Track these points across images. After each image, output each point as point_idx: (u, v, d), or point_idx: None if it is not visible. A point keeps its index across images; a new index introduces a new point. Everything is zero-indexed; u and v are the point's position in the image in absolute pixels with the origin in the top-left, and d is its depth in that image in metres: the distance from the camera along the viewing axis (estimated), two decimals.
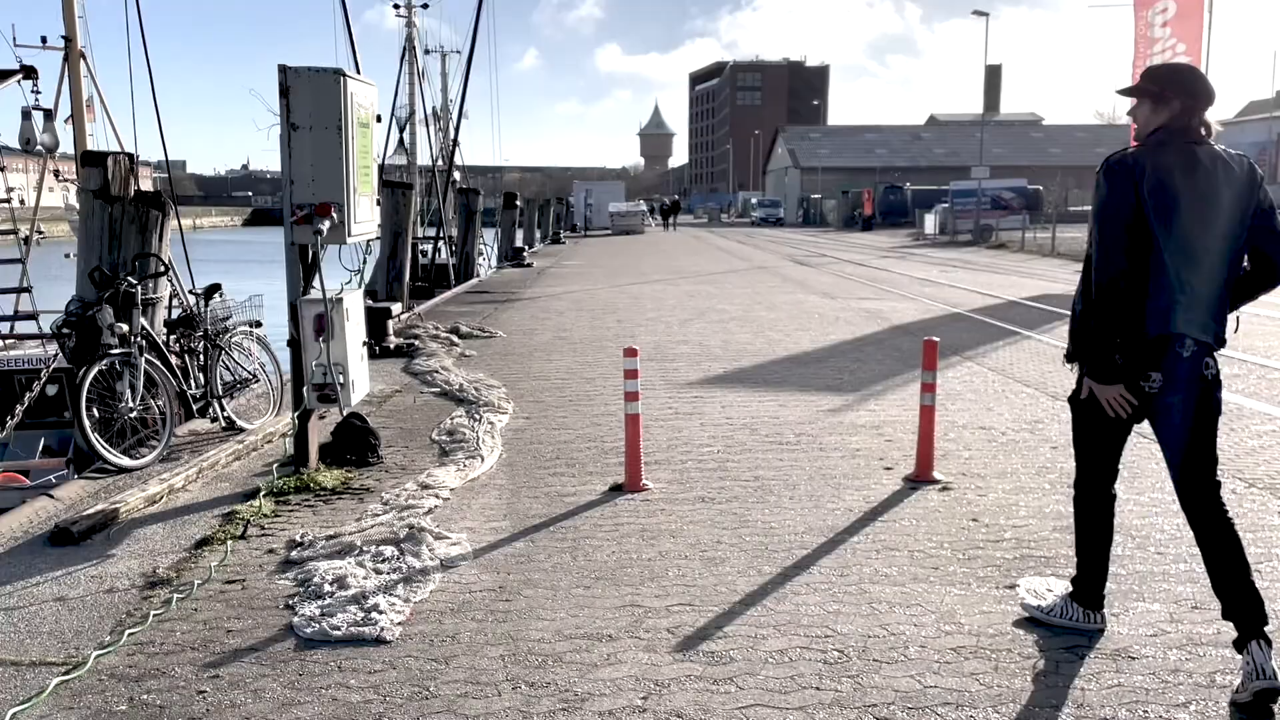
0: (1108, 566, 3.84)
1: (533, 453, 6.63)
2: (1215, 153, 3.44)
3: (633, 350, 5.84)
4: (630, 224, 53.71)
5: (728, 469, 6.14)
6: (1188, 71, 3.61)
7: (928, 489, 5.65)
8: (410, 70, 30.37)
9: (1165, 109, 3.51)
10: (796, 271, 24.03)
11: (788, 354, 10.71)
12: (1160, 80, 3.57)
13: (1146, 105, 3.56)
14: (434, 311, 15.73)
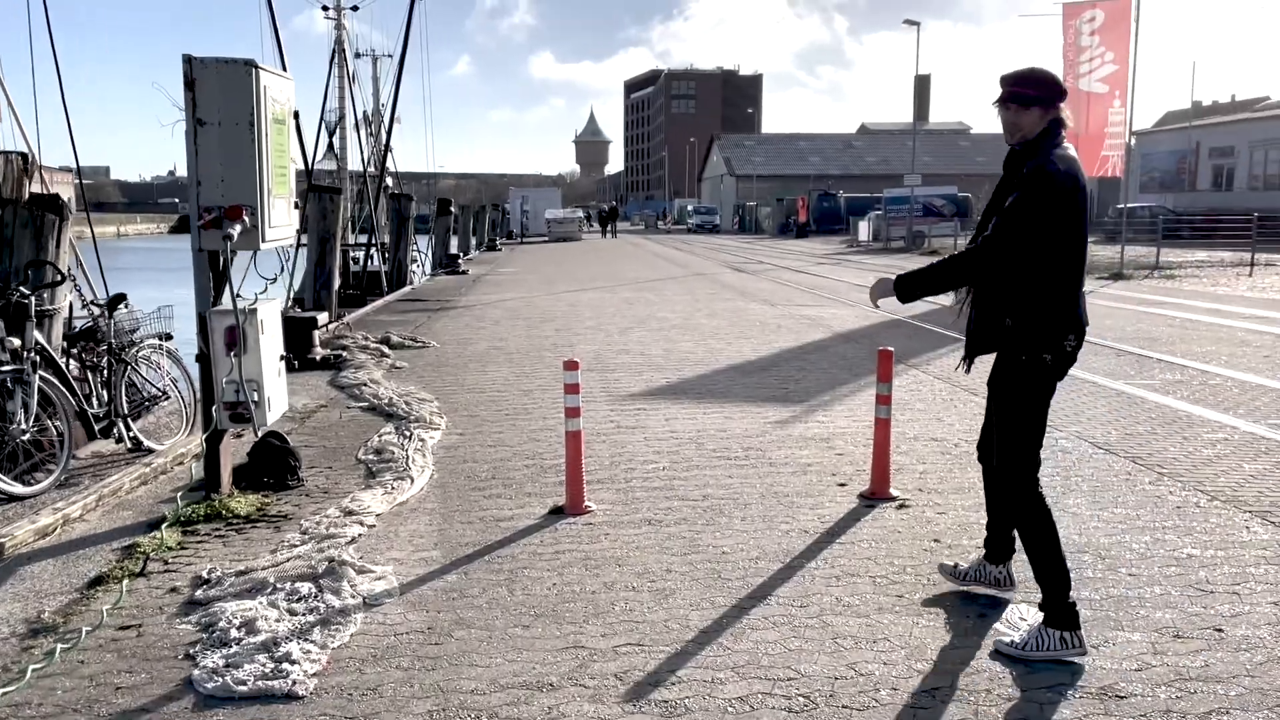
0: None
1: (466, 472, 6.22)
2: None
3: (573, 363, 5.46)
4: (567, 231, 53.30)
5: (675, 488, 5.80)
6: (1053, 75, 3.74)
7: (885, 507, 5.37)
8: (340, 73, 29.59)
9: (1052, 112, 3.64)
10: (735, 278, 23.86)
11: (731, 363, 10.42)
12: (1046, 84, 3.65)
13: (1037, 110, 3.63)
14: (364, 321, 15.16)
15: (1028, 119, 3.62)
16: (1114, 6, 24.10)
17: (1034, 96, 3.62)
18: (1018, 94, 3.64)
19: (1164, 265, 25.70)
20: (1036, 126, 3.63)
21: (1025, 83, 3.65)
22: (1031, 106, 3.61)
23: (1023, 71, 3.69)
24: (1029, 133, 3.64)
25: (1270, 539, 4.75)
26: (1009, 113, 3.66)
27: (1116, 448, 6.60)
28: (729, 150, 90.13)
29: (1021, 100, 3.63)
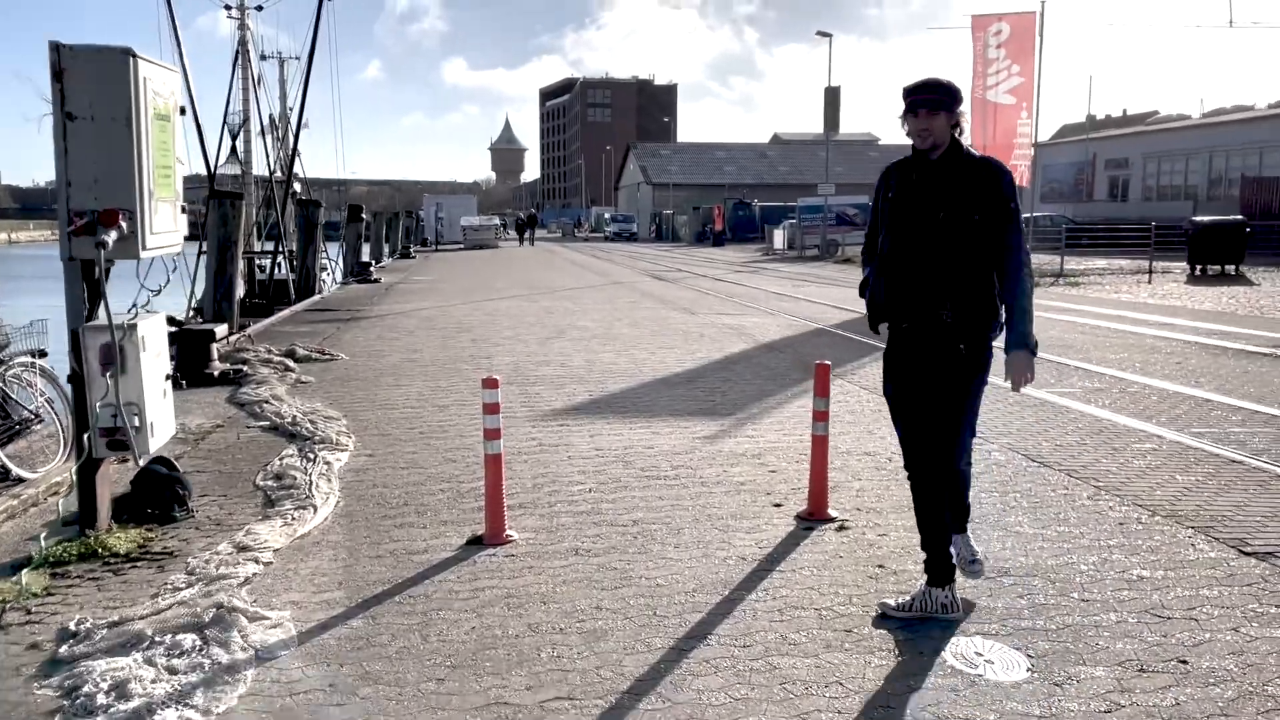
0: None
1: (376, 499, 5.75)
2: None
3: (493, 380, 5.06)
4: (483, 238, 52.52)
5: (602, 511, 5.44)
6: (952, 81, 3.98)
7: (824, 529, 5.10)
8: (244, 74, 28.49)
9: (954, 116, 3.91)
10: (654, 286, 23.62)
11: (655, 375, 10.11)
12: (949, 90, 3.91)
13: (944, 115, 3.88)
14: (268, 332, 14.43)
15: (938, 123, 3.87)
16: (1020, 20, 24.65)
17: (940, 101, 3.88)
18: (928, 100, 3.88)
19: (1068, 273, 26.35)
20: (946, 130, 3.89)
21: (932, 89, 3.91)
22: (940, 111, 3.86)
23: (927, 80, 3.94)
24: (940, 137, 3.88)
25: (1218, 557, 4.60)
26: (919, 119, 3.88)
27: (1050, 460, 6.47)
28: (645, 159, 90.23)
29: (932, 105, 3.87)
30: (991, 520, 5.20)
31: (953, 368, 3.91)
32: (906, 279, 3.94)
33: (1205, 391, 8.91)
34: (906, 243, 3.95)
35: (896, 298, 3.98)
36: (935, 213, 3.89)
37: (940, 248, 3.88)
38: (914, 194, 3.95)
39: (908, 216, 3.96)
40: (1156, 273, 25.53)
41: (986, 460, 6.45)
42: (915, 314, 3.94)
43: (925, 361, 3.95)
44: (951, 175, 3.90)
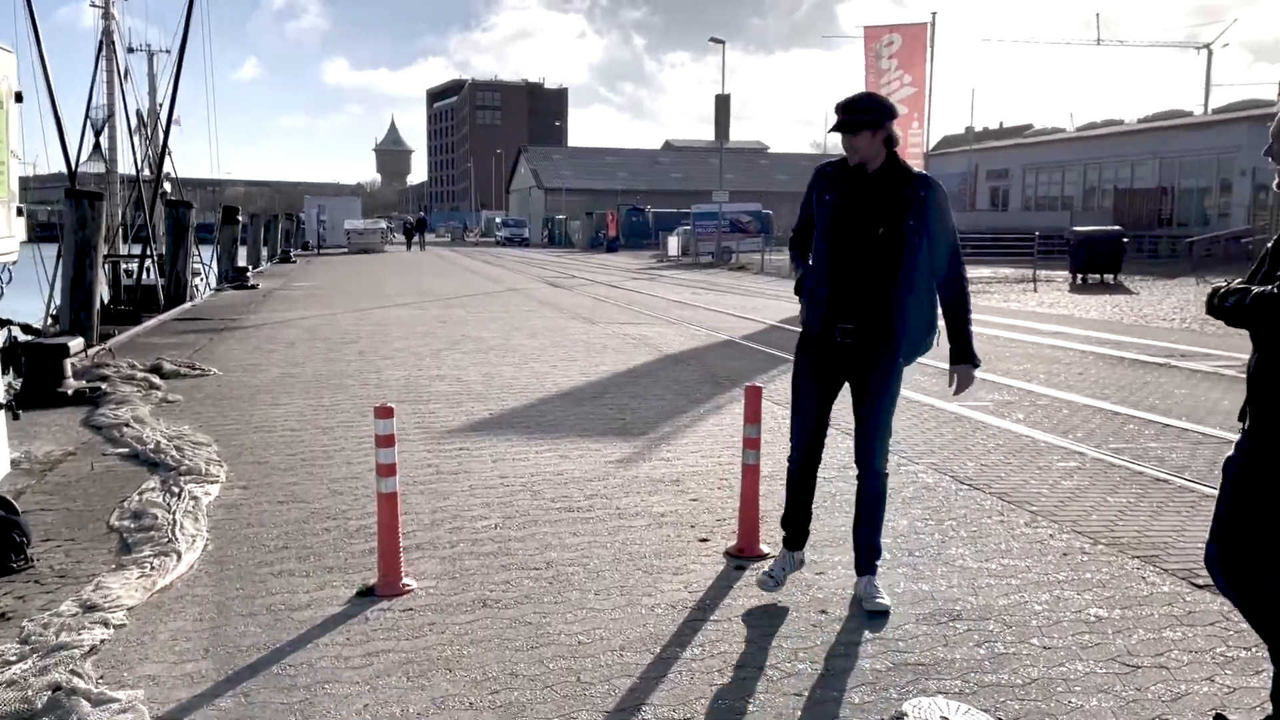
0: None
1: (251, 541, 5.07)
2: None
3: (386, 409, 4.46)
4: (368, 242, 50.93)
5: (511, 551, 4.89)
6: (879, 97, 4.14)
7: (757, 567, 4.66)
8: (109, 66, 26.67)
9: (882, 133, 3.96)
10: (551, 294, 23.05)
11: (559, 389, 9.58)
12: (873, 108, 3.98)
13: (866, 134, 3.93)
14: (133, 344, 13.31)
15: (862, 142, 3.92)
16: (911, 31, 25.03)
17: (859, 122, 3.92)
18: (846, 122, 3.95)
19: None
20: (874, 147, 3.93)
21: (850, 109, 3.96)
22: (862, 130, 3.90)
23: (848, 99, 3.99)
24: (867, 155, 3.94)
25: (1172, 592, 4.35)
26: (844, 139, 3.97)
27: (979, 482, 6.20)
28: (536, 162, 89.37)
29: (850, 128, 3.94)
30: (932, 553, 4.86)
31: (895, 377, 4.11)
32: (849, 290, 4.02)
33: (1113, 404, 8.88)
34: (848, 254, 4.03)
35: (838, 306, 4.04)
36: (871, 225, 3.98)
37: (880, 262, 3.98)
38: (854, 206, 4.01)
39: (849, 228, 4.02)
40: (1040, 281, 26.26)
41: (915, 484, 6.15)
42: (857, 323, 4.03)
43: (852, 367, 4.11)
44: (887, 189, 3.98)
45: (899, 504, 5.69)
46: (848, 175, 4.06)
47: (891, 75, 24.73)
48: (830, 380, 4.19)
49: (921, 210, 3.95)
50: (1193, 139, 39.74)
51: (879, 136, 3.92)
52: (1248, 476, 2.82)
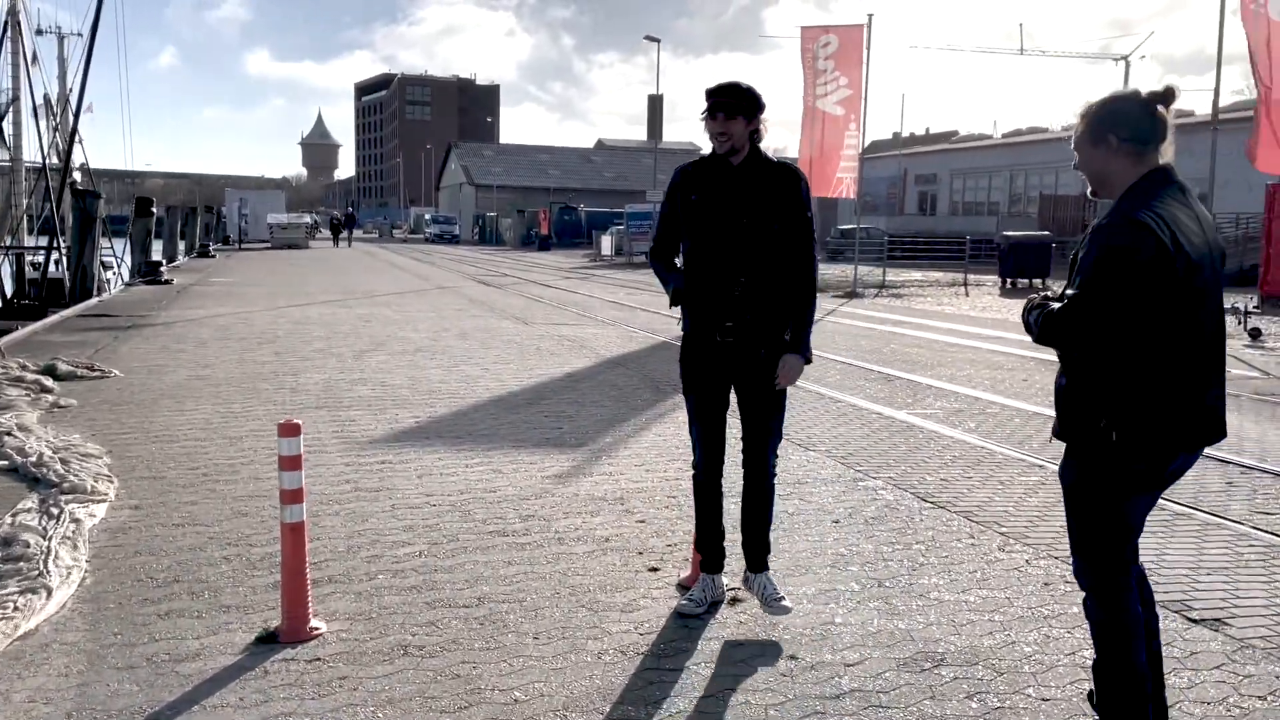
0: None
1: (137, 573, 4.43)
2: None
3: (292, 426, 3.88)
4: (292, 237, 49.35)
5: (437, 585, 4.33)
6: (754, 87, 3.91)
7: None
8: (15, 49, 25.18)
9: (754, 123, 3.90)
10: (482, 292, 22.36)
11: (491, 395, 9.00)
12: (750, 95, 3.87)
13: (742, 120, 3.85)
14: (28, 343, 12.33)
15: (737, 128, 3.83)
16: (848, 33, 24.88)
17: (739, 105, 3.83)
18: (725, 103, 3.83)
19: (889, 284, 26.91)
20: (745, 136, 3.86)
21: (730, 93, 3.85)
22: (738, 115, 3.82)
23: (727, 83, 3.89)
24: (739, 142, 3.86)
25: (1170, 629, 3.98)
26: (716, 122, 3.84)
27: (941, 499, 5.82)
28: (467, 159, 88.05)
29: (729, 110, 3.83)
30: (903, 583, 4.44)
31: (760, 372, 3.98)
32: (724, 288, 3.93)
33: None
34: (721, 252, 3.93)
35: (716, 306, 3.95)
36: (739, 219, 3.90)
37: (744, 254, 3.90)
38: (718, 200, 3.93)
39: (719, 225, 3.93)
40: (971, 285, 26.40)
41: (876, 501, 5.75)
42: (736, 320, 3.93)
43: (735, 366, 4.00)
44: (753, 181, 3.92)
45: (861, 524, 5.29)
46: (712, 170, 3.99)
47: (829, 76, 24.56)
48: (718, 383, 4.05)
49: (784, 203, 3.91)
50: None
51: (750, 126, 3.87)
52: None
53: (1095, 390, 2.72)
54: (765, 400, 4.01)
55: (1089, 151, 2.79)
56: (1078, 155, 2.83)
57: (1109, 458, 2.73)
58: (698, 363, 4.07)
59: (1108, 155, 2.75)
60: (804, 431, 7.64)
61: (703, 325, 3.99)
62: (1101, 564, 2.84)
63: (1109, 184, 2.78)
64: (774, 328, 3.95)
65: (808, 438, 7.43)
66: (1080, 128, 2.81)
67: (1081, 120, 2.80)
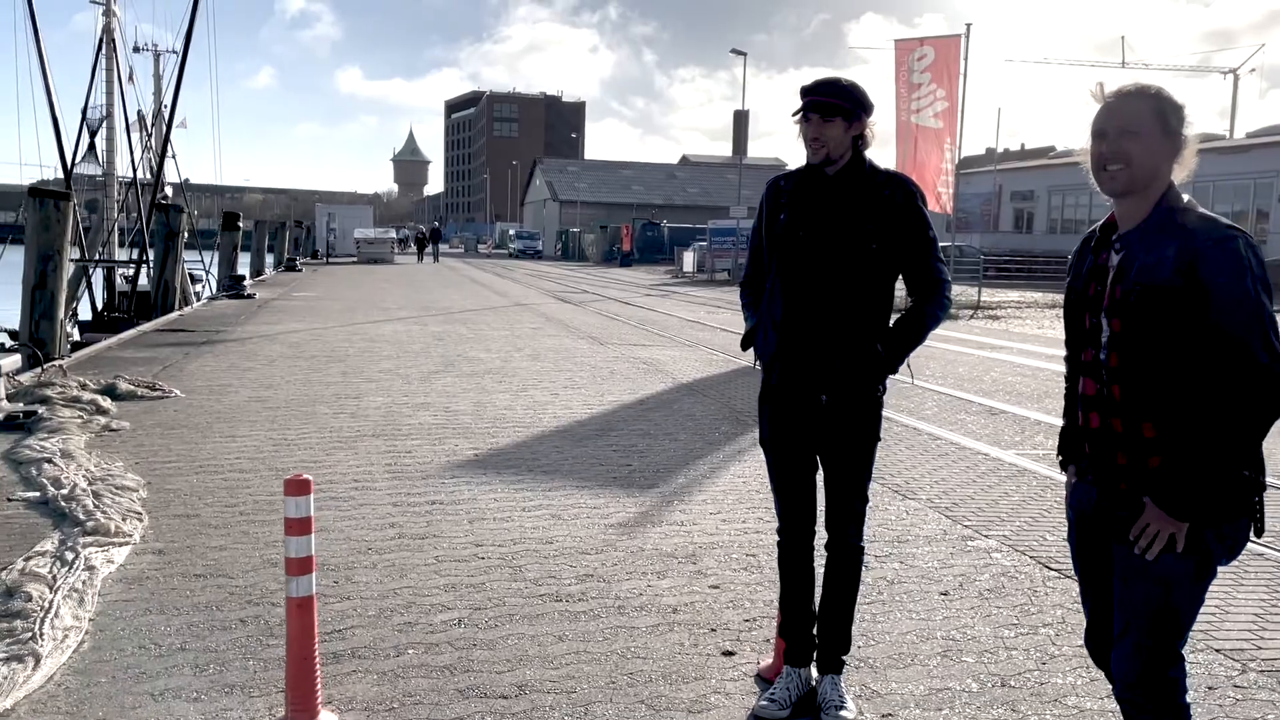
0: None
1: (141, 636, 3.91)
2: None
3: (302, 483, 3.29)
4: (378, 252, 49.94)
5: (474, 665, 3.71)
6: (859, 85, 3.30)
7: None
8: (109, 65, 25.76)
9: (857, 126, 3.28)
10: (559, 310, 21.91)
11: (558, 424, 8.40)
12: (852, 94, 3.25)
13: (841, 123, 3.24)
14: (99, 358, 12.20)
15: (834, 132, 3.23)
16: (943, 45, 23.88)
17: (837, 106, 3.23)
18: (822, 103, 3.23)
19: (984, 305, 25.67)
20: (845, 142, 3.25)
21: (828, 90, 3.24)
22: (835, 117, 3.22)
23: (826, 79, 3.28)
24: (837, 150, 3.25)
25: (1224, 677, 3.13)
26: (811, 125, 3.24)
27: (1068, 568, 4.95)
28: (552, 175, 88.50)
29: (826, 110, 3.22)
30: (1032, 683, 3.65)
31: (875, 414, 3.36)
32: (814, 331, 3.27)
33: None
34: (794, 277, 3.29)
35: (803, 353, 3.29)
36: (827, 239, 3.25)
37: (832, 284, 3.24)
38: (807, 218, 3.29)
39: (798, 244, 3.29)
40: None
41: (990, 567, 4.94)
42: (826, 372, 3.28)
43: (836, 424, 3.32)
44: (851, 195, 3.26)
45: (974, 598, 4.50)
46: (806, 183, 3.34)
47: (924, 90, 23.59)
48: (804, 439, 3.38)
49: (897, 217, 3.25)
50: (1226, 163, 38.37)
51: (852, 131, 3.25)
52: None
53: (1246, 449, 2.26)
54: (841, 460, 3.35)
55: (1158, 140, 2.33)
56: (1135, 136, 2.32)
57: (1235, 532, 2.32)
58: (773, 414, 3.43)
59: (1172, 151, 2.35)
60: (901, 475, 6.85)
61: (786, 376, 3.34)
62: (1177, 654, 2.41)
63: (1155, 181, 2.35)
64: (854, 370, 3.29)
65: (906, 483, 6.64)
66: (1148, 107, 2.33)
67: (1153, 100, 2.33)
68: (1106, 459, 2.43)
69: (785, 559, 3.52)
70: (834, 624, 3.42)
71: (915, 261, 3.32)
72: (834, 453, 3.36)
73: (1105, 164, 2.38)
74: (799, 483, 3.44)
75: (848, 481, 3.37)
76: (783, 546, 3.52)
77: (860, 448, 3.34)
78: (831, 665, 3.41)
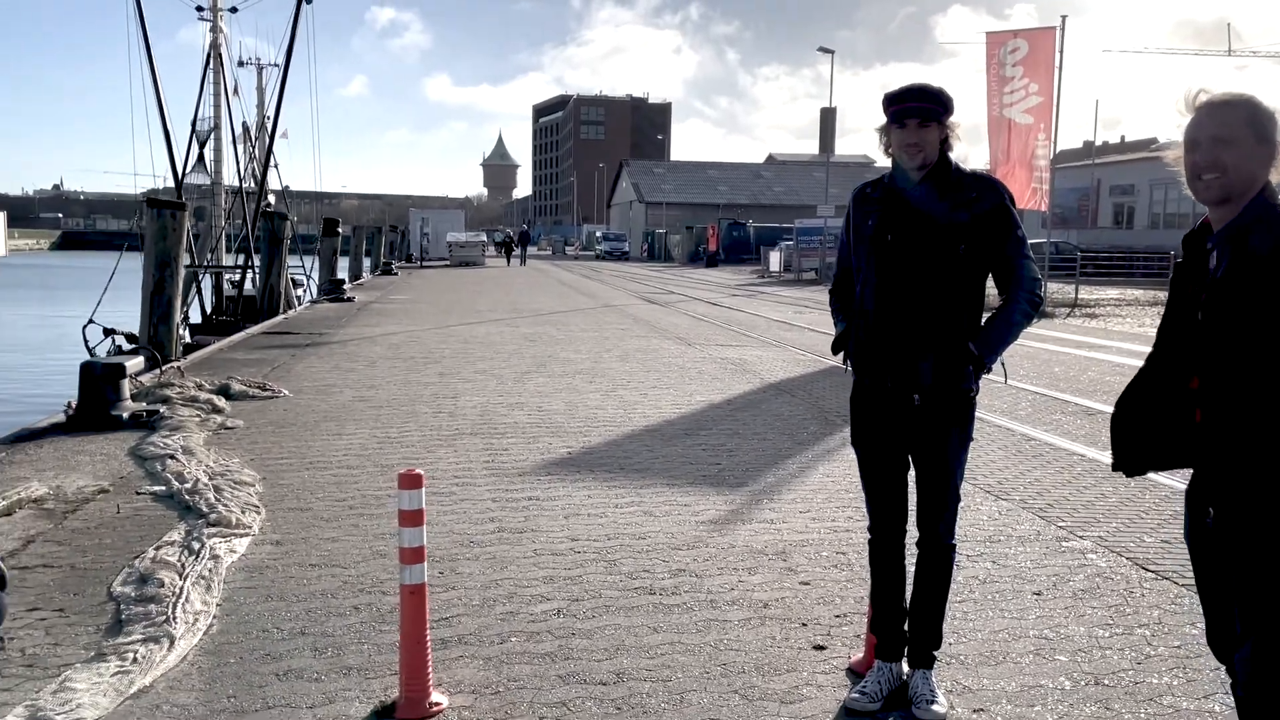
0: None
1: (264, 622, 4.18)
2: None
3: (414, 477, 3.50)
4: (469, 255, 50.96)
5: (573, 653, 3.88)
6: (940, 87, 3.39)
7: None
8: (216, 79, 26.96)
9: (944, 129, 3.38)
10: (646, 311, 22.11)
11: (648, 424, 8.56)
12: (941, 97, 3.34)
13: (935, 126, 3.33)
14: (211, 360, 12.82)
15: (930, 136, 3.29)
16: (1037, 37, 23.35)
17: (933, 110, 3.30)
18: (918, 108, 3.29)
19: (1082, 303, 24.99)
20: (937, 145, 3.33)
21: (923, 96, 3.31)
22: (931, 122, 3.30)
23: (916, 85, 3.33)
24: (931, 153, 3.31)
25: None
26: (906, 131, 3.29)
27: (1165, 568, 4.93)
28: (638, 176, 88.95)
29: (924, 115, 3.29)
30: (1127, 681, 3.65)
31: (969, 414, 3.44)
32: (905, 335, 3.35)
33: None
34: (885, 280, 3.37)
35: (894, 357, 3.37)
36: (917, 241, 3.32)
37: (927, 286, 3.31)
38: (894, 221, 3.36)
39: (886, 247, 3.36)
40: None
41: (1085, 568, 4.92)
42: (917, 376, 3.35)
43: (928, 424, 3.39)
44: (939, 197, 3.33)
45: (1068, 598, 4.50)
46: (893, 187, 3.42)
47: (1017, 83, 23.10)
48: (895, 438, 3.47)
49: (985, 218, 3.32)
50: None
51: (942, 133, 3.33)
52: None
53: None
54: (932, 460, 3.43)
55: (1251, 149, 2.37)
56: (1228, 145, 2.37)
57: None
58: (865, 415, 3.52)
59: (1267, 157, 2.39)
60: (994, 475, 6.81)
61: (879, 379, 3.43)
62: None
63: (1250, 187, 2.39)
64: (945, 370, 3.35)
65: (999, 483, 6.60)
66: (1240, 116, 2.38)
67: (1244, 109, 2.39)
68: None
69: (876, 556, 3.60)
70: (925, 620, 3.48)
71: (1005, 261, 3.37)
72: (926, 452, 3.43)
73: (1200, 173, 2.41)
74: (890, 482, 3.52)
75: (939, 481, 3.43)
76: (873, 544, 3.60)
77: (952, 447, 3.40)
78: (923, 660, 3.48)
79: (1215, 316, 2.40)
